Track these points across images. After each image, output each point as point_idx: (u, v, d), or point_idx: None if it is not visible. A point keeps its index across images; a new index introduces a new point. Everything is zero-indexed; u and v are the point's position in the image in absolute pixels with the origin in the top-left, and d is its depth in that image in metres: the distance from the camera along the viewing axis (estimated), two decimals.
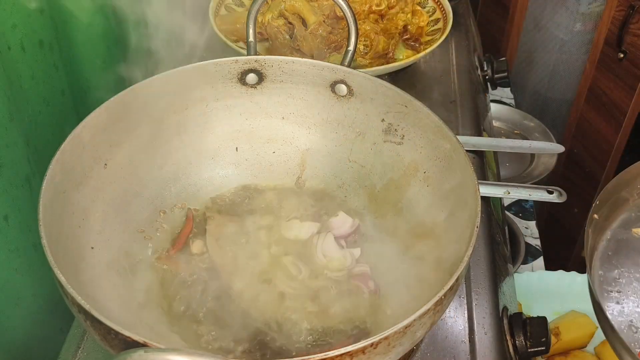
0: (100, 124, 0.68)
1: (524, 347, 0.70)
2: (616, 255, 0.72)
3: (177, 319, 0.66)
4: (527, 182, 1.49)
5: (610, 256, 0.72)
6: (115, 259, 0.67)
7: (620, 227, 0.75)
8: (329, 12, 1.05)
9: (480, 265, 0.79)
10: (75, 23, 0.87)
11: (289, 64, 0.76)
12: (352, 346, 0.49)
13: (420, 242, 0.70)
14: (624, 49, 1.44)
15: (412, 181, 0.73)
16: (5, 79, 0.69)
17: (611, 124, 1.54)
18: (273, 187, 0.80)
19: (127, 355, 0.44)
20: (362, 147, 0.78)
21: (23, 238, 0.74)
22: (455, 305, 0.74)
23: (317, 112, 0.79)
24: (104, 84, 0.94)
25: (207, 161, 0.79)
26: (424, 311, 0.52)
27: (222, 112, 0.78)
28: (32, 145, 0.76)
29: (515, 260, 1.29)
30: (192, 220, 0.74)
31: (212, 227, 0.73)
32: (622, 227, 0.75)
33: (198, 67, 0.74)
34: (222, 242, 0.73)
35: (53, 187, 0.60)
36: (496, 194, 0.87)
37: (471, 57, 1.18)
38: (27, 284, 0.77)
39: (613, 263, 0.71)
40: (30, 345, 0.79)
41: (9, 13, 0.72)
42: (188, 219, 0.74)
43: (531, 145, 1.10)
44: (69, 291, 0.51)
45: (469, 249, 0.57)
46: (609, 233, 0.74)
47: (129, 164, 0.72)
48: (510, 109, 1.73)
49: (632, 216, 0.77)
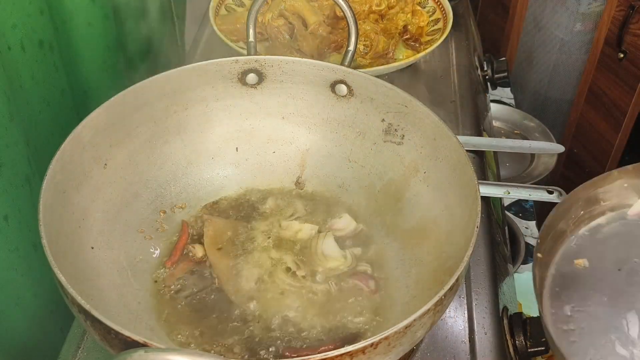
0: (100, 124, 0.68)
1: (524, 347, 0.70)
2: (564, 290, 0.70)
3: (175, 323, 0.66)
4: (527, 182, 1.49)
5: (559, 292, 0.70)
6: (115, 259, 0.67)
7: (562, 260, 0.74)
8: (329, 12, 1.05)
9: (480, 265, 0.79)
10: (75, 23, 0.87)
11: (289, 64, 0.76)
12: (352, 346, 0.49)
13: (420, 242, 0.70)
14: (624, 49, 1.44)
15: (412, 181, 0.73)
16: (5, 79, 0.70)
17: (611, 124, 1.54)
18: (273, 187, 0.80)
19: (127, 355, 0.44)
20: (362, 147, 0.78)
21: (23, 238, 0.74)
22: (455, 305, 0.74)
23: (317, 112, 0.79)
24: (104, 84, 0.94)
25: (207, 161, 0.79)
26: (424, 311, 0.52)
27: (222, 112, 0.78)
28: (32, 145, 0.76)
29: (515, 260, 1.29)
30: (187, 231, 0.74)
31: (210, 230, 0.73)
32: (564, 260, 0.73)
33: (198, 67, 0.74)
34: (220, 244, 0.73)
35: (53, 187, 0.60)
36: (496, 194, 0.87)
37: (471, 57, 1.18)
38: (27, 284, 0.77)
39: (562, 299, 0.69)
40: (30, 345, 0.79)
41: (9, 13, 0.72)
42: (183, 230, 0.74)
43: (531, 145, 1.10)
44: (69, 291, 0.51)
45: (469, 249, 0.57)
46: (553, 268, 0.72)
47: (129, 164, 0.72)
48: (510, 109, 1.72)
49: (573, 247, 0.75)
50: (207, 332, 0.64)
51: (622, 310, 0.68)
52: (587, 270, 0.73)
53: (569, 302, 0.69)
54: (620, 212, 0.78)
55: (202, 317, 0.66)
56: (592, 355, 0.64)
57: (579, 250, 0.75)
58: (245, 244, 0.73)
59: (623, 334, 0.66)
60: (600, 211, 0.78)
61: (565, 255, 0.74)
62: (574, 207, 0.75)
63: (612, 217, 0.78)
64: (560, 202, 0.73)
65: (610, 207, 0.78)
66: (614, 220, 0.78)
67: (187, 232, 0.74)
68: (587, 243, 0.75)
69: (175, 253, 0.71)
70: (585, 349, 0.65)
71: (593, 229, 0.77)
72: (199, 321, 0.65)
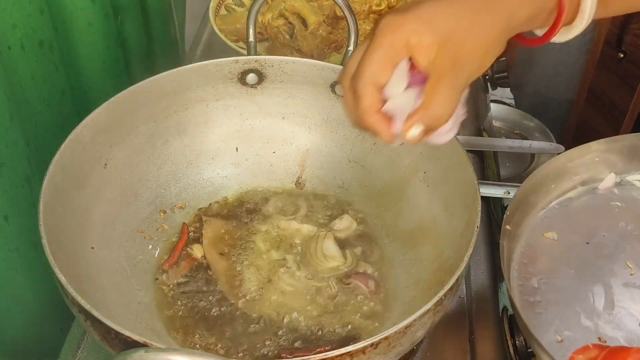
0: (100, 124, 0.68)
1: (523, 347, 0.70)
2: (533, 263, 0.70)
3: (175, 323, 0.66)
4: None
5: (527, 264, 0.70)
6: (115, 259, 0.67)
7: (532, 232, 0.73)
8: (329, 12, 1.05)
9: (480, 265, 0.79)
10: (75, 23, 0.86)
11: (289, 64, 0.76)
12: (353, 346, 0.49)
13: (420, 242, 0.70)
14: (624, 49, 1.44)
15: (412, 181, 0.73)
16: (5, 79, 0.69)
17: (611, 124, 1.54)
18: (273, 187, 0.80)
19: (127, 355, 0.44)
20: (362, 147, 0.78)
21: (23, 238, 0.74)
22: (455, 305, 0.74)
23: (317, 112, 0.79)
24: (104, 84, 0.94)
25: (207, 161, 0.79)
26: (424, 311, 0.52)
27: (222, 112, 0.78)
28: (32, 145, 0.76)
29: None
30: (187, 233, 0.74)
31: (209, 232, 0.73)
32: (534, 233, 0.73)
33: (198, 67, 0.74)
34: (219, 245, 0.72)
35: (53, 187, 0.60)
36: (496, 194, 0.87)
37: None
38: (27, 284, 0.77)
39: (530, 272, 0.69)
40: (30, 345, 0.79)
41: (9, 13, 0.72)
42: (183, 232, 0.74)
43: (531, 145, 1.10)
44: (69, 291, 0.51)
45: (469, 249, 0.57)
46: (523, 241, 0.72)
47: (129, 164, 0.72)
48: (510, 109, 1.72)
49: (543, 219, 0.75)
50: (206, 334, 0.64)
51: (588, 283, 0.69)
52: (555, 243, 0.73)
53: (536, 274, 0.69)
54: (591, 186, 0.78)
55: (201, 318, 0.66)
56: (557, 327, 0.65)
57: (548, 224, 0.75)
58: (244, 245, 0.73)
59: (589, 305, 0.67)
60: (571, 185, 0.78)
61: (535, 228, 0.74)
62: (544, 180, 0.75)
63: (582, 191, 0.78)
64: (531, 175, 0.73)
65: (581, 182, 0.78)
66: (584, 194, 0.78)
67: (187, 234, 0.74)
68: (557, 216, 0.75)
69: (173, 254, 0.71)
70: (550, 320, 0.65)
71: (563, 202, 0.77)
72: (198, 323, 0.65)
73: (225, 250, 0.72)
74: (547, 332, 0.64)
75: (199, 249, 0.72)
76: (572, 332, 0.64)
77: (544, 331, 0.64)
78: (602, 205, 0.77)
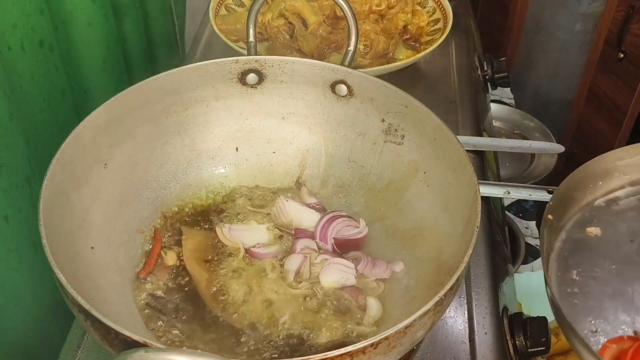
0: (100, 124, 0.68)
1: (524, 347, 0.70)
2: (572, 255, 0.70)
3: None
4: (527, 182, 1.49)
5: (567, 257, 0.70)
6: (115, 259, 0.67)
7: (574, 226, 0.73)
8: (329, 12, 1.05)
9: (480, 265, 0.79)
10: (75, 23, 0.87)
11: (289, 64, 0.76)
12: (353, 346, 0.49)
13: (420, 242, 0.70)
14: (624, 49, 1.44)
15: (412, 181, 0.73)
16: (5, 79, 0.70)
17: (611, 124, 1.54)
18: (273, 187, 0.80)
19: (127, 355, 0.44)
20: (362, 148, 0.78)
21: (23, 238, 0.74)
22: (455, 305, 0.74)
23: (317, 112, 0.79)
24: (104, 84, 0.94)
25: (207, 161, 0.79)
26: (424, 311, 0.52)
27: (222, 112, 0.78)
28: (32, 145, 0.76)
29: (515, 260, 1.29)
30: (160, 240, 0.71)
31: (189, 243, 0.71)
32: (576, 227, 0.73)
33: (198, 67, 0.74)
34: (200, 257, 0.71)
35: (53, 187, 0.60)
36: (496, 194, 0.87)
37: (471, 57, 1.18)
38: (27, 284, 0.77)
39: (570, 264, 0.69)
40: (30, 345, 0.79)
41: (9, 13, 0.72)
42: (156, 239, 0.71)
43: (531, 145, 1.10)
44: (69, 291, 0.51)
45: (469, 249, 0.57)
46: (564, 234, 0.72)
47: (129, 164, 0.72)
48: (510, 109, 1.72)
49: (586, 215, 0.75)
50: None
51: (629, 279, 0.68)
52: (598, 238, 0.72)
53: (576, 267, 0.69)
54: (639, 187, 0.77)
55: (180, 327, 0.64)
56: (593, 317, 0.64)
57: (592, 219, 0.74)
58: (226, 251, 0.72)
59: (628, 301, 0.66)
60: (619, 184, 0.77)
61: (578, 222, 0.74)
62: (591, 176, 0.75)
63: (631, 191, 0.77)
64: (577, 170, 0.73)
65: (630, 182, 0.77)
66: (632, 194, 0.77)
67: (160, 240, 0.71)
68: (602, 213, 0.75)
69: (149, 262, 0.68)
70: (587, 311, 0.65)
71: (610, 200, 0.76)
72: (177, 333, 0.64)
73: (207, 260, 0.70)
74: (583, 322, 0.64)
75: (170, 254, 0.69)
76: (608, 324, 0.64)
77: (579, 321, 0.64)
78: None
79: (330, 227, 0.73)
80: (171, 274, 0.69)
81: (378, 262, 0.70)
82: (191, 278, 0.68)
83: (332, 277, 0.68)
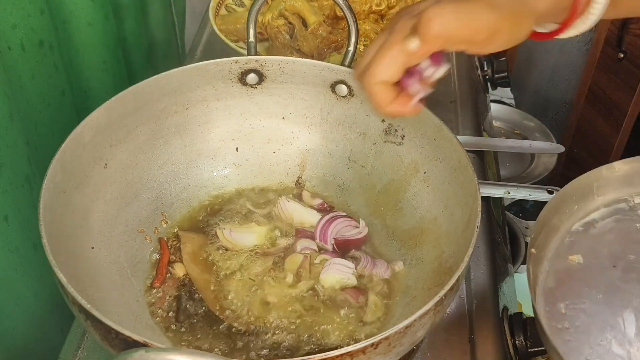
0: (100, 124, 0.68)
1: (524, 347, 0.70)
2: (558, 287, 0.69)
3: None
4: (527, 182, 1.49)
5: (553, 289, 0.69)
6: (115, 259, 0.67)
7: (556, 256, 0.72)
8: (329, 12, 1.05)
9: (480, 265, 0.79)
10: (75, 23, 0.87)
11: (289, 64, 0.76)
12: (353, 346, 0.49)
13: (420, 242, 0.70)
14: (624, 49, 1.44)
15: (412, 181, 0.73)
16: (5, 79, 0.69)
17: (611, 124, 1.55)
18: (273, 187, 0.80)
19: (127, 355, 0.44)
20: (363, 148, 0.78)
21: (23, 238, 0.74)
22: (455, 305, 0.74)
23: (318, 112, 0.79)
24: (104, 84, 0.94)
25: (207, 161, 0.79)
26: (424, 311, 0.52)
27: (222, 112, 0.78)
28: (32, 145, 0.76)
29: (515, 260, 1.29)
30: (167, 248, 0.72)
31: (187, 246, 0.72)
32: (558, 256, 0.72)
33: (198, 67, 0.74)
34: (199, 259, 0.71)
35: (53, 187, 0.60)
36: (496, 194, 0.87)
37: (471, 57, 1.18)
38: (27, 284, 0.77)
39: (556, 296, 0.68)
40: (30, 345, 0.79)
41: (9, 13, 0.72)
42: (163, 248, 0.72)
43: (531, 145, 1.10)
44: (69, 291, 0.51)
45: (469, 249, 0.57)
46: (547, 264, 0.71)
47: (129, 164, 0.72)
48: (510, 109, 1.72)
49: (566, 242, 0.74)
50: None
51: (618, 308, 0.68)
52: (581, 266, 0.71)
53: (563, 299, 0.68)
54: (614, 208, 0.77)
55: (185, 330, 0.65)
56: (588, 355, 0.64)
57: (572, 246, 0.73)
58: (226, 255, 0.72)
59: (619, 332, 0.65)
60: (594, 206, 0.77)
61: (559, 250, 0.73)
62: (567, 201, 0.74)
63: (606, 212, 0.77)
64: (554, 197, 0.72)
65: (604, 203, 0.77)
66: (608, 216, 0.77)
67: (167, 249, 0.72)
68: (581, 238, 0.74)
69: (161, 272, 0.69)
70: (581, 348, 0.64)
71: (587, 223, 0.76)
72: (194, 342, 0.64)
73: (207, 263, 0.71)
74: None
75: (179, 267, 0.70)
76: None
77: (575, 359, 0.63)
78: (626, 227, 0.75)
79: (330, 227, 0.73)
80: (181, 284, 0.69)
81: (378, 262, 0.70)
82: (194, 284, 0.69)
83: (332, 277, 0.68)
